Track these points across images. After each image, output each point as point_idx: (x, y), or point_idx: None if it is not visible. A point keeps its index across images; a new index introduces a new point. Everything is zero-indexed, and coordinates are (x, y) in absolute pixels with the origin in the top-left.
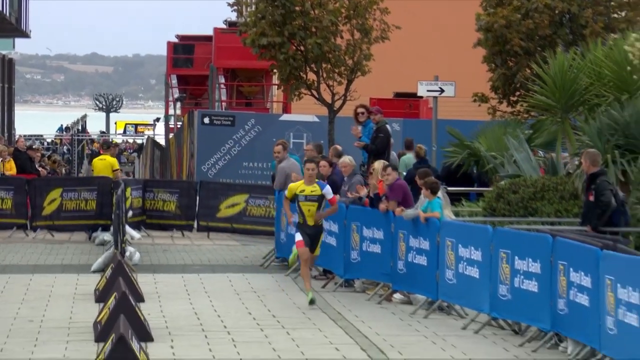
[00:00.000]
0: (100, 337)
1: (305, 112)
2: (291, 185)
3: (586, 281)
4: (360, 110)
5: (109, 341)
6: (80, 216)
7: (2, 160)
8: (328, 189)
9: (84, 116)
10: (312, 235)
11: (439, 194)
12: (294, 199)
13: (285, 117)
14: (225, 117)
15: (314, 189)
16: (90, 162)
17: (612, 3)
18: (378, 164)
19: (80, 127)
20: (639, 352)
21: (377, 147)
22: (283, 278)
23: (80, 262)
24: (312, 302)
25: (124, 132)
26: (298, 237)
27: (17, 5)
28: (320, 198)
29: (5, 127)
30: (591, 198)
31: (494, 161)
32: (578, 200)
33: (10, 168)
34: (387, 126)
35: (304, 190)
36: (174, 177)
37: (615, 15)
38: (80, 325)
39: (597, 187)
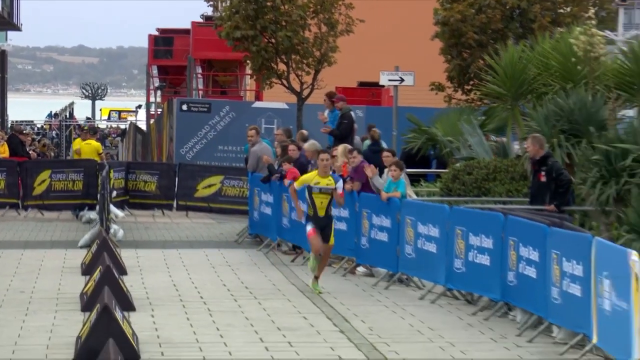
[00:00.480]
0: (86, 307)
1: (276, 99)
2: (304, 176)
3: (534, 255)
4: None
5: (94, 311)
6: (68, 196)
7: None
8: (341, 184)
9: (72, 103)
10: (323, 226)
11: (403, 175)
12: (303, 189)
13: (258, 104)
14: (202, 104)
15: (329, 181)
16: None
17: None
18: (341, 148)
19: (68, 114)
20: (581, 319)
21: (341, 132)
22: (255, 253)
23: (68, 239)
24: (319, 293)
25: (109, 118)
26: (309, 226)
27: (9, 0)
28: (332, 191)
29: None
30: (542, 179)
31: (450, 145)
32: (527, 181)
33: (4, 151)
34: (352, 113)
35: (319, 182)
36: (154, 159)
37: (561, 11)
38: (68, 296)
39: (552, 168)
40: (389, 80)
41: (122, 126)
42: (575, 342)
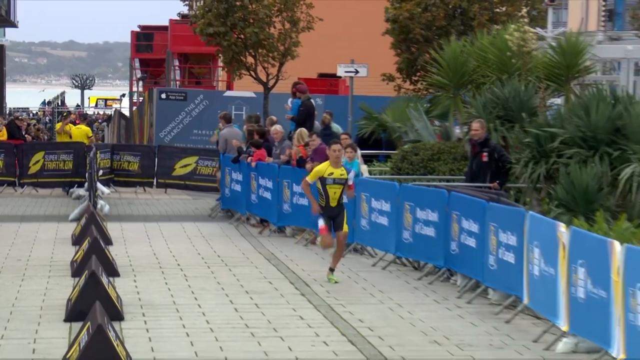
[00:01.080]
0: (76, 273)
1: (245, 89)
2: (317, 167)
3: (474, 227)
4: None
5: (83, 276)
6: (60, 175)
7: None
8: (352, 175)
9: (63, 93)
10: (335, 216)
11: (357, 156)
12: (317, 181)
13: (228, 93)
14: (179, 93)
15: (342, 172)
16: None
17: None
18: (298, 133)
19: (59, 102)
20: (513, 283)
21: (299, 119)
22: (227, 226)
23: (60, 213)
24: (331, 279)
25: (96, 105)
26: (321, 222)
27: (6, 0)
28: (345, 182)
29: None
30: (484, 159)
31: (398, 129)
32: (467, 161)
33: (2, 135)
34: (312, 101)
35: (332, 173)
36: (136, 142)
37: (498, 10)
38: (60, 263)
39: (495, 150)
40: (345, 71)
41: (108, 112)
42: (508, 303)
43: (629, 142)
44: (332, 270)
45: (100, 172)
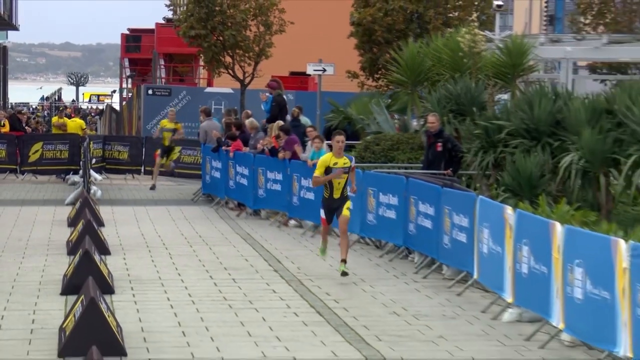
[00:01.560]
0: (71, 251)
1: (224, 86)
2: (322, 158)
3: (430, 210)
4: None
5: (78, 254)
6: (57, 163)
7: None
8: (354, 160)
9: (60, 89)
10: (337, 207)
11: (323, 146)
12: (325, 171)
13: (209, 89)
14: (164, 89)
15: (345, 161)
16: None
17: (448, 5)
18: (274, 125)
19: (57, 97)
20: (465, 260)
21: (271, 113)
22: (208, 209)
23: (57, 197)
24: (344, 274)
25: (89, 100)
26: (322, 214)
27: (9, 5)
28: (349, 170)
29: (1, 97)
30: (439, 149)
31: (362, 122)
32: (424, 151)
33: (5, 127)
34: (284, 96)
35: (336, 163)
36: (126, 133)
37: (451, 15)
38: (57, 243)
39: (449, 140)
40: (314, 70)
41: (101, 107)
42: (460, 277)
43: (568, 133)
44: (344, 261)
45: (93, 160)
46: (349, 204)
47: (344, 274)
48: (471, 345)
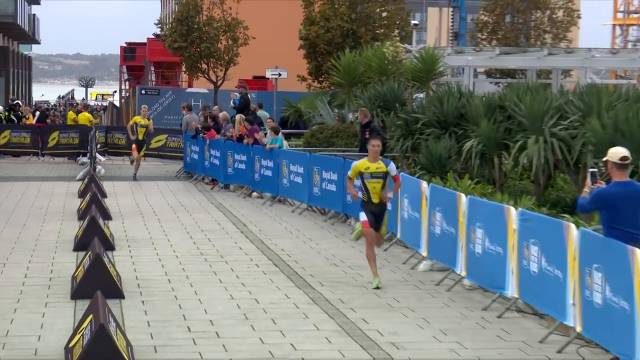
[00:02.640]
0: (81, 217)
1: (201, 87)
2: (356, 164)
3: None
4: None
5: (86, 219)
6: (70, 147)
7: (25, 115)
8: (392, 166)
9: (72, 90)
10: (377, 213)
11: (280, 134)
12: (359, 177)
13: (189, 90)
14: (154, 90)
15: (379, 166)
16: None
17: (376, 24)
18: (238, 117)
19: (70, 96)
20: (390, 223)
21: (239, 108)
22: (188, 184)
23: (70, 175)
24: (377, 288)
25: (96, 99)
26: (363, 217)
27: (32, 24)
28: (385, 175)
29: (27, 96)
30: (367, 136)
31: (309, 115)
32: (357, 138)
33: (30, 120)
34: (248, 95)
35: (369, 168)
36: (124, 124)
37: (378, 31)
38: (70, 210)
39: (375, 129)
40: (271, 74)
41: (105, 104)
42: (386, 237)
43: (469, 124)
44: (375, 274)
45: (98, 145)
46: (386, 218)
47: (377, 287)
48: (394, 289)
